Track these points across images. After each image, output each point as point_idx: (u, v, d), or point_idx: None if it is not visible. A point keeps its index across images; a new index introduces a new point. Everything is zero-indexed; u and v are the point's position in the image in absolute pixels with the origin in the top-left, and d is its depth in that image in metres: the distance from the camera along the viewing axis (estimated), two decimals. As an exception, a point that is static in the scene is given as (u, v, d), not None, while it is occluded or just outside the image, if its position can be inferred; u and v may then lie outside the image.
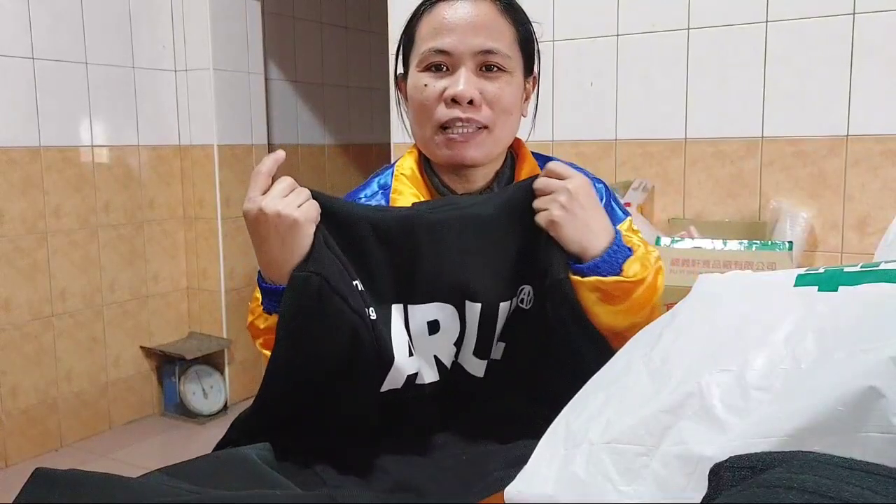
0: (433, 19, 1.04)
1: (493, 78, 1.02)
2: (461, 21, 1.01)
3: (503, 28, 1.04)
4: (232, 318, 3.25)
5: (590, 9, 2.21)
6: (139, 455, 2.79)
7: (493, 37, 1.02)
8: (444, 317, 0.95)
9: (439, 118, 1.02)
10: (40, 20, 2.67)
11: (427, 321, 0.96)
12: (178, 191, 3.22)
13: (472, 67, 1.02)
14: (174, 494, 0.71)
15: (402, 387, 0.94)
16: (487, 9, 1.03)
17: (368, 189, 1.12)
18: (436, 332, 0.96)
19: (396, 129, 2.55)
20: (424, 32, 1.04)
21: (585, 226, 0.93)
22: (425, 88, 1.03)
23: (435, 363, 0.98)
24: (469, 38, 1.01)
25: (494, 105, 1.02)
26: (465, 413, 0.99)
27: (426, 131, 1.05)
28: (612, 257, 0.94)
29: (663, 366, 0.66)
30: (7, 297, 2.65)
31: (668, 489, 0.57)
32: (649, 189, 2.08)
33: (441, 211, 0.95)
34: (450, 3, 1.03)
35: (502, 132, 1.05)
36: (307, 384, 0.91)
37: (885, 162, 1.87)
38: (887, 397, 0.51)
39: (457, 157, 1.03)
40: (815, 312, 0.61)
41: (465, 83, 1.00)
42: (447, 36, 1.01)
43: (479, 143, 1.03)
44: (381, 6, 2.60)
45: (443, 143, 1.03)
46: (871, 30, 1.85)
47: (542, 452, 0.70)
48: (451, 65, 1.02)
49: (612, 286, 0.93)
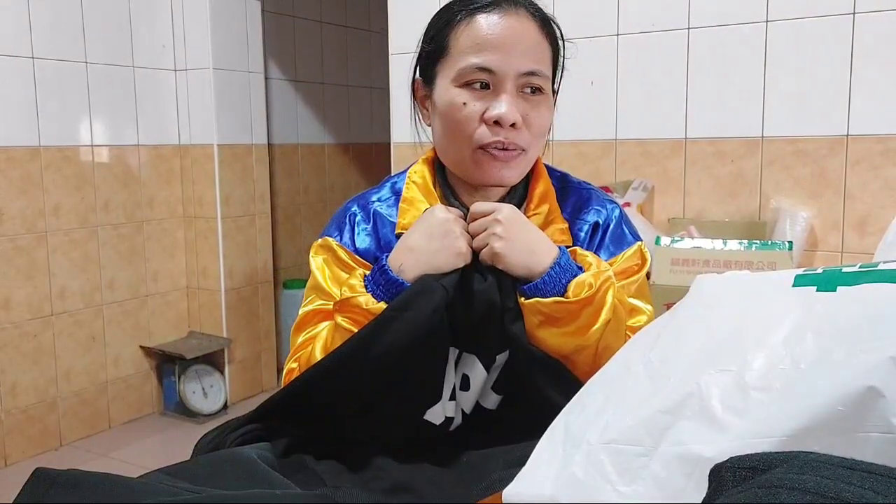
0: (474, 32, 0.99)
1: (533, 101, 1.00)
2: (507, 39, 0.97)
3: (544, 48, 1.01)
4: (232, 318, 3.25)
5: (590, 8, 2.21)
6: (139, 454, 2.79)
7: (537, 58, 0.99)
8: (475, 372, 0.99)
9: (479, 139, 0.99)
10: (40, 19, 2.67)
11: (463, 373, 0.99)
12: (177, 190, 3.22)
13: (514, 88, 0.99)
14: (174, 494, 0.71)
15: (439, 424, 0.98)
16: (531, 27, 1.00)
17: (382, 192, 1.11)
18: (466, 388, 0.99)
19: (396, 128, 2.55)
20: (464, 45, 0.99)
21: (526, 248, 0.94)
22: (464, 107, 0.99)
23: (461, 413, 1.01)
24: (514, 58, 0.97)
25: (533, 128, 1.00)
26: (475, 437, 1.00)
27: (462, 150, 1.01)
28: (553, 278, 0.93)
29: (662, 366, 0.66)
30: (6, 295, 2.65)
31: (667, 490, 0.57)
32: (649, 189, 2.08)
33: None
34: (488, 16, 0.99)
35: (534, 154, 1.04)
36: (367, 375, 0.91)
37: (885, 161, 1.87)
38: (887, 397, 0.51)
39: (494, 178, 1.01)
40: (813, 313, 0.61)
41: (510, 106, 0.97)
42: (491, 53, 0.97)
43: (515, 165, 1.01)
44: (381, 5, 2.60)
45: (480, 162, 1.01)
46: (871, 30, 1.85)
47: (540, 453, 0.70)
48: (494, 84, 0.98)
49: (552, 307, 0.91)
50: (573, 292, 0.92)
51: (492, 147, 0.99)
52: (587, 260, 0.97)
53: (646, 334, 0.75)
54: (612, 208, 1.10)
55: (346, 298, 0.95)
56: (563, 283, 0.93)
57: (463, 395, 0.99)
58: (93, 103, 2.87)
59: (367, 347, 0.90)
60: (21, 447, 2.71)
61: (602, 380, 0.74)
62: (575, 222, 1.08)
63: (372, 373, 0.91)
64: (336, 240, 1.07)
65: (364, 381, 0.92)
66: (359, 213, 1.09)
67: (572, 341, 0.93)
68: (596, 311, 0.92)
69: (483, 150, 1.00)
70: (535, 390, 0.94)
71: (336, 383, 0.92)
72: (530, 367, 0.94)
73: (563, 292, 0.92)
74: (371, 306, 0.92)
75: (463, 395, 0.99)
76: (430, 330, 0.91)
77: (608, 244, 1.07)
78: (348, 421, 0.95)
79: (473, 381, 0.99)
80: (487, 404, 1.01)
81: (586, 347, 0.93)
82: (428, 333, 0.91)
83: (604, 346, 0.94)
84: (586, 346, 0.93)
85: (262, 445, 0.89)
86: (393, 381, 0.92)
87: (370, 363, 0.90)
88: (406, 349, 0.90)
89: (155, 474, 0.79)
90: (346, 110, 4.02)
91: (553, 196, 1.09)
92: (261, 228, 3.38)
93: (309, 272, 1.08)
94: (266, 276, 3.42)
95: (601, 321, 0.92)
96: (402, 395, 0.94)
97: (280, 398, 0.94)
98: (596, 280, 0.92)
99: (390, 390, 0.93)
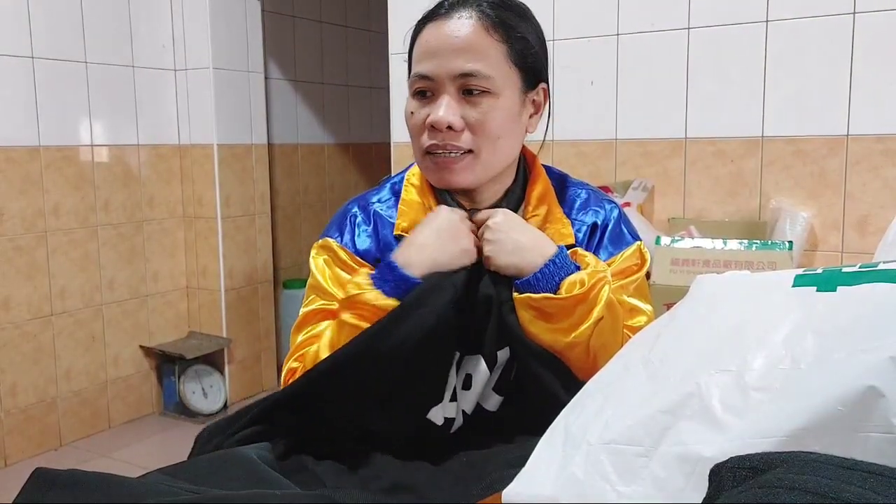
0: (421, 43, 1.02)
1: (475, 102, 0.99)
2: (442, 44, 0.99)
3: (487, 47, 0.99)
4: (231, 318, 3.25)
5: (590, 9, 2.21)
6: (139, 454, 2.79)
7: (475, 58, 0.98)
8: (478, 371, 0.99)
9: (422, 144, 1.02)
10: (40, 19, 2.67)
11: (466, 373, 1.00)
12: (177, 190, 3.22)
13: (454, 92, 0.99)
14: (174, 494, 0.71)
15: (440, 425, 0.98)
16: (471, 28, 0.98)
17: (382, 193, 1.12)
18: (468, 388, 1.00)
19: (396, 128, 2.55)
20: (415, 57, 1.03)
21: (517, 247, 0.96)
22: (412, 116, 1.04)
23: (462, 414, 1.01)
24: (448, 61, 0.98)
25: (477, 130, 1.00)
26: (475, 438, 1.01)
27: (417, 156, 1.06)
28: (546, 275, 0.94)
29: (662, 366, 0.66)
30: (6, 295, 2.64)
31: (666, 489, 0.57)
32: (649, 189, 2.08)
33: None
34: (436, 24, 1.01)
35: (491, 156, 1.02)
36: (377, 370, 0.92)
37: (885, 161, 1.87)
38: (887, 397, 0.51)
39: (444, 181, 1.03)
40: (813, 313, 0.61)
41: (445, 109, 0.99)
42: (429, 60, 1.00)
43: (464, 168, 1.01)
44: (381, 5, 2.60)
45: (430, 167, 1.03)
46: (871, 30, 1.85)
47: (540, 453, 0.70)
48: (434, 90, 1.00)
49: (542, 303, 0.93)
50: (565, 289, 0.93)
51: (433, 151, 1.01)
52: (586, 260, 0.98)
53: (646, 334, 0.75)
54: (611, 208, 1.10)
55: (354, 295, 0.95)
56: (557, 281, 0.94)
57: (464, 394, 1.00)
58: (93, 103, 2.87)
59: (381, 342, 0.91)
60: (21, 447, 2.71)
61: (602, 380, 0.74)
62: (573, 223, 1.08)
63: (381, 369, 0.92)
64: (337, 241, 1.07)
65: (374, 376, 0.92)
66: (359, 214, 1.09)
67: (564, 338, 0.94)
68: (588, 308, 0.93)
69: (429, 156, 1.02)
70: (535, 384, 0.95)
71: (347, 377, 0.92)
72: (528, 360, 0.95)
73: (556, 289, 0.93)
74: (380, 302, 0.93)
75: (464, 394, 1.00)
76: (440, 327, 0.92)
77: (607, 244, 1.07)
78: (353, 417, 0.95)
79: (476, 380, 0.99)
80: (489, 406, 1.01)
81: (578, 344, 0.94)
82: (439, 330, 0.92)
83: (600, 343, 0.94)
84: (578, 342, 0.94)
85: (262, 445, 0.89)
86: (401, 376, 0.93)
87: (382, 358, 0.91)
88: (417, 345, 0.91)
89: (155, 474, 0.79)
90: (346, 110, 4.02)
91: (552, 196, 1.09)
92: (261, 228, 3.38)
93: (309, 272, 1.08)
94: (266, 276, 3.42)
95: (593, 318, 0.93)
96: (408, 392, 0.94)
97: (289, 393, 0.94)
98: (590, 278, 0.93)
99: (397, 387, 0.93)
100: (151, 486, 0.73)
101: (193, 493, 0.73)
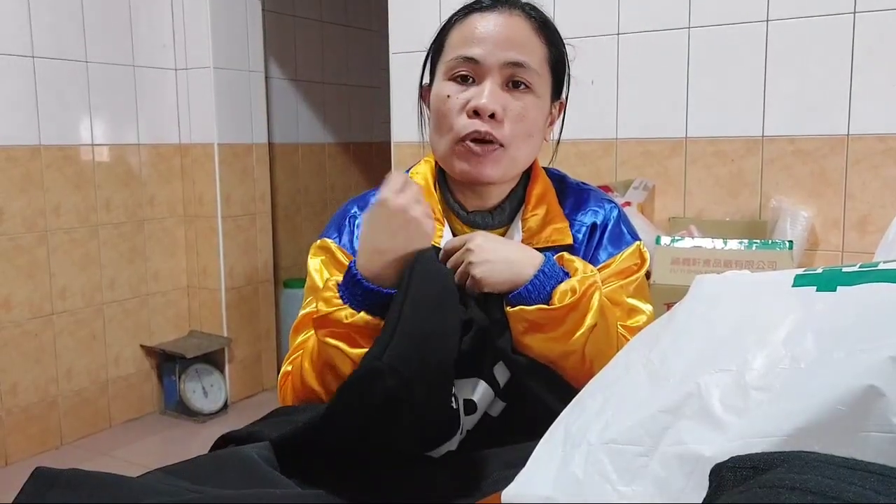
0: (464, 29, 1.01)
1: (518, 95, 1.00)
2: (493, 32, 0.99)
3: (535, 45, 1.01)
4: (232, 317, 3.25)
5: (589, 8, 2.21)
6: (139, 453, 2.79)
7: (524, 52, 0.99)
8: (480, 393, 0.96)
9: (459, 130, 0.99)
10: (40, 18, 2.67)
11: (464, 399, 0.96)
12: (178, 189, 3.22)
13: (499, 81, 0.99)
14: (174, 494, 0.71)
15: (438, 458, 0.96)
16: (521, 23, 1.01)
17: None
18: (472, 412, 0.96)
19: (397, 128, 2.55)
20: (454, 41, 1.02)
21: (505, 264, 0.93)
22: (448, 99, 1.00)
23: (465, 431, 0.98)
24: (499, 49, 0.98)
25: (516, 123, 0.99)
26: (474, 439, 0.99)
27: (444, 142, 1.02)
28: (536, 286, 0.92)
29: (662, 366, 0.66)
30: (7, 295, 2.65)
31: (666, 489, 0.57)
32: (650, 188, 2.08)
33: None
34: (483, 14, 1.01)
35: (519, 152, 1.02)
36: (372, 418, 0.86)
37: (885, 161, 1.87)
38: (887, 397, 0.51)
39: (472, 174, 1.01)
40: (813, 312, 0.61)
41: (490, 95, 0.98)
42: (477, 46, 0.99)
43: (495, 161, 1.00)
44: (381, 4, 2.60)
45: (461, 155, 1.00)
46: (871, 30, 1.85)
47: (540, 453, 0.70)
48: (478, 75, 1.00)
49: (536, 314, 0.91)
50: (557, 299, 0.91)
51: (470, 139, 0.99)
52: (574, 265, 0.96)
53: (646, 334, 0.75)
54: (611, 208, 1.10)
55: (325, 315, 0.91)
56: (548, 290, 0.92)
57: (468, 418, 0.97)
58: (93, 102, 2.87)
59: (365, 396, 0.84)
60: (21, 446, 2.72)
61: (602, 380, 0.74)
62: (573, 223, 1.08)
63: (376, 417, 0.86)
64: (335, 241, 1.07)
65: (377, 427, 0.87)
66: (358, 214, 1.09)
67: (558, 347, 0.92)
68: (581, 315, 0.91)
69: (462, 144, 1.00)
70: (531, 396, 0.93)
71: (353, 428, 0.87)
72: (521, 376, 0.94)
73: (547, 299, 0.92)
74: (351, 320, 0.89)
75: (468, 418, 0.97)
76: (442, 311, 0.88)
77: (606, 244, 1.07)
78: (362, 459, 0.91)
79: (480, 404, 0.97)
80: (492, 412, 1.00)
81: (572, 353, 0.93)
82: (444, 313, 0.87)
83: (594, 351, 0.93)
84: (572, 350, 0.92)
85: (262, 445, 0.89)
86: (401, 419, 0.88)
87: (374, 408, 0.85)
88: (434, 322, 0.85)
89: (155, 473, 0.79)
90: (347, 110, 4.02)
91: (552, 196, 1.09)
92: (261, 228, 3.38)
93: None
94: (266, 276, 3.43)
95: (586, 326, 0.91)
96: (412, 436, 0.90)
97: (289, 436, 0.88)
98: (581, 285, 0.91)
99: (404, 433, 0.88)
100: (152, 485, 0.73)
101: (193, 493, 0.73)
